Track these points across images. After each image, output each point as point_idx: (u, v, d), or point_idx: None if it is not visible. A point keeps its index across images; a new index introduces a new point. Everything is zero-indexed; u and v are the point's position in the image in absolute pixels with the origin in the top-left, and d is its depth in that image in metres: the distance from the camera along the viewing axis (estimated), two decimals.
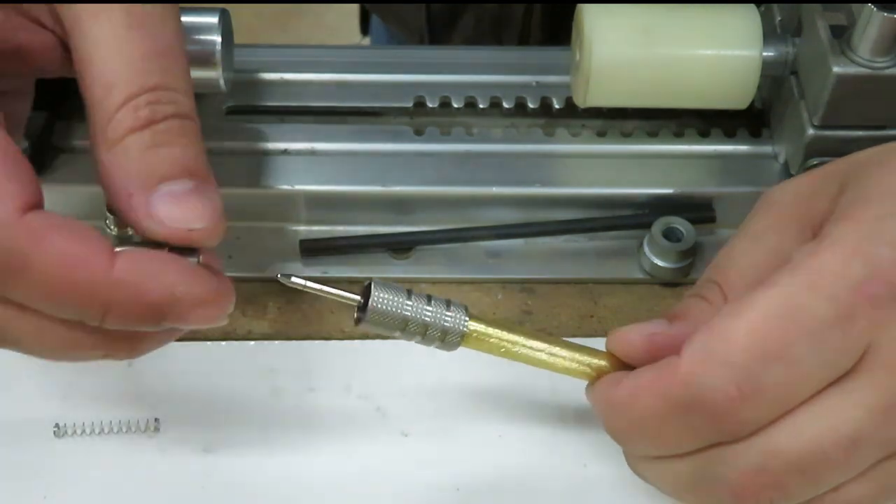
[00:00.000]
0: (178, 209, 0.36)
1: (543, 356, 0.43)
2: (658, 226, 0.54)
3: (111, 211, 0.38)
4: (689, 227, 0.54)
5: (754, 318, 0.37)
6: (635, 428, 0.40)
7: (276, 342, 0.52)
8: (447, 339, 0.42)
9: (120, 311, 0.36)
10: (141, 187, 0.36)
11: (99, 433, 0.49)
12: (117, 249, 0.36)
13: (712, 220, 0.56)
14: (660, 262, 0.54)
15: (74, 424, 0.49)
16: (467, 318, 0.42)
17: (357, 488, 0.48)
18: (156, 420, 0.49)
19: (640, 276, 0.55)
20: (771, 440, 0.38)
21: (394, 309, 0.41)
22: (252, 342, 0.52)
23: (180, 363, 0.51)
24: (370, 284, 0.41)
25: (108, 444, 0.49)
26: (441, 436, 0.50)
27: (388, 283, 0.42)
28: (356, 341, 0.52)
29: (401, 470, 0.49)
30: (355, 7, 0.96)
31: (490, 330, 0.43)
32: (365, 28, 0.97)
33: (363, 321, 0.41)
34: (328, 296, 0.41)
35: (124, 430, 0.49)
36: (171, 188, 0.36)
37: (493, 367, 0.45)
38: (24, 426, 0.49)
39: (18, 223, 0.35)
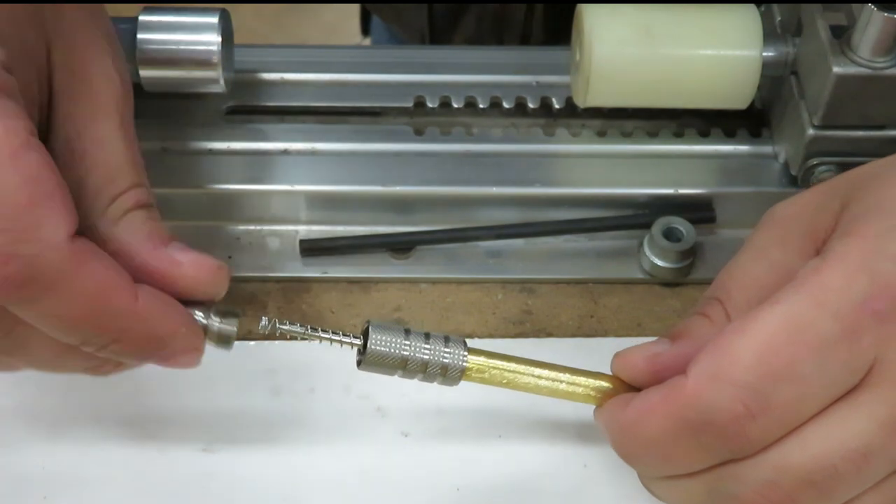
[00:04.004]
0: (195, 255, 0.41)
1: (547, 384, 0.43)
2: (658, 226, 0.54)
3: None
4: (689, 227, 0.54)
5: (760, 336, 0.37)
6: (645, 449, 0.40)
7: (276, 342, 0.52)
8: (448, 374, 0.42)
9: (128, 340, 0.40)
10: (160, 243, 0.41)
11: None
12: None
13: (712, 220, 0.56)
14: (660, 262, 0.54)
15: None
16: (466, 353, 0.42)
17: (357, 488, 0.48)
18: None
19: (640, 276, 0.55)
20: (781, 456, 0.38)
21: (393, 350, 0.41)
22: (252, 342, 0.52)
23: None
24: (368, 327, 0.41)
25: (108, 443, 0.49)
26: (441, 436, 0.50)
27: (385, 324, 0.42)
28: None
29: (401, 470, 0.49)
30: (355, 7, 0.96)
31: (490, 362, 0.43)
32: (365, 28, 0.97)
33: (363, 363, 0.42)
34: (328, 341, 0.42)
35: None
36: (178, 245, 0.41)
37: None
38: (24, 426, 0.49)
39: (69, 246, 0.37)
